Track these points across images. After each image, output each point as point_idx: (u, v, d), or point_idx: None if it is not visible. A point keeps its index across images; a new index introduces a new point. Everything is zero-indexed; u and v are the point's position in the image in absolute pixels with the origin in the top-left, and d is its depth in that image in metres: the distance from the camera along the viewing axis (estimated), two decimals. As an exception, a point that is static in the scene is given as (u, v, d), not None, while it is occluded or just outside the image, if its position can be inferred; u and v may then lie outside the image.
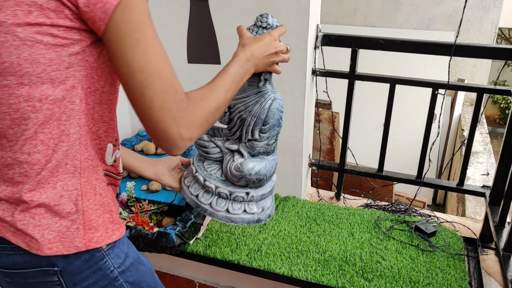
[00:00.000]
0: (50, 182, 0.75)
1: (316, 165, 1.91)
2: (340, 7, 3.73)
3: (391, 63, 2.83)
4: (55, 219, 0.76)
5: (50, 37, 0.67)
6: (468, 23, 3.39)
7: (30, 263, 0.77)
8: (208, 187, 1.21)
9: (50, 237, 0.76)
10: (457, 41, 1.46)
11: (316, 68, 1.72)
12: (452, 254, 1.48)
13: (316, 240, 1.54)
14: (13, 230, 0.76)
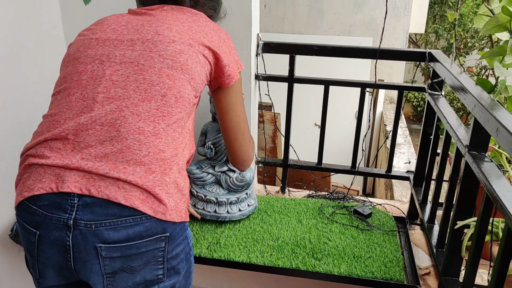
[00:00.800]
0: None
1: (262, 163, 2.07)
2: (269, 15, 3.96)
3: (322, 67, 3.08)
4: (175, 191, 0.93)
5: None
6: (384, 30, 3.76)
7: (149, 231, 0.88)
8: (221, 201, 1.69)
9: (172, 205, 0.91)
10: (379, 46, 1.69)
11: (258, 73, 1.88)
12: (386, 231, 1.70)
13: (269, 229, 1.70)
14: (143, 197, 0.87)
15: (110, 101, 0.92)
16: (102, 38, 1.00)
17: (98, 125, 0.90)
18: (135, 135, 0.90)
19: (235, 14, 1.67)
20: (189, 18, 1.05)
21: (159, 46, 0.97)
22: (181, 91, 0.96)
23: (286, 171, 2.08)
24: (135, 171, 0.88)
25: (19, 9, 1.61)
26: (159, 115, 0.93)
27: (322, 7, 3.82)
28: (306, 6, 3.88)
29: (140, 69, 0.94)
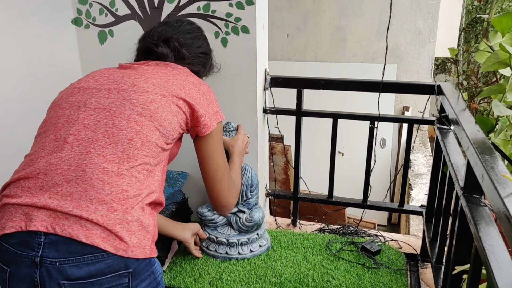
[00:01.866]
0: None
1: (272, 195, 2.07)
2: (291, 44, 4.00)
3: (344, 95, 3.05)
4: (138, 228, 0.96)
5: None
6: (408, 56, 3.71)
7: (111, 268, 0.92)
8: (232, 242, 1.71)
9: (134, 242, 0.95)
10: (382, 80, 1.66)
11: (267, 107, 1.90)
12: (395, 270, 1.64)
13: (273, 265, 1.68)
14: (104, 235, 0.91)
15: (79, 143, 0.98)
16: (84, 87, 1.09)
17: (66, 165, 0.96)
18: (99, 175, 0.95)
19: (240, 52, 1.71)
20: (169, 72, 1.15)
21: (132, 95, 1.04)
22: (148, 136, 1.02)
23: (296, 204, 2.06)
24: (97, 209, 0.92)
25: (38, 49, 1.71)
26: (124, 157, 0.97)
27: (345, 35, 3.82)
28: (328, 35, 3.89)
29: (111, 115, 1.01)
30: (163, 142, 1.06)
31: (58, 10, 1.79)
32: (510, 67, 1.21)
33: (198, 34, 1.36)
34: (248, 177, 1.72)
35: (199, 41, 1.34)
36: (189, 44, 1.30)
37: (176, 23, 1.33)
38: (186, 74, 1.19)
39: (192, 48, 1.30)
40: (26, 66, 1.67)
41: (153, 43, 1.23)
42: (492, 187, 0.82)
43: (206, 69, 1.37)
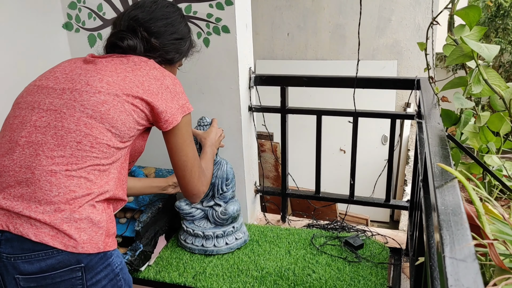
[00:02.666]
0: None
1: (261, 191, 2.10)
2: (292, 43, 4.02)
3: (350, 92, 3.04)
4: (89, 225, 1.01)
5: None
6: (408, 52, 3.69)
7: (62, 263, 0.98)
8: (207, 235, 1.75)
9: (84, 238, 0.99)
10: (356, 76, 1.68)
11: (252, 105, 1.93)
12: (376, 263, 1.66)
13: (256, 259, 1.71)
14: (53, 233, 0.97)
15: (30, 145, 1.02)
16: (42, 85, 1.11)
17: (18, 167, 1.01)
18: (47, 177, 0.99)
19: (222, 51, 1.75)
20: (129, 69, 1.14)
21: (84, 96, 1.06)
22: (98, 138, 1.04)
23: (285, 200, 2.09)
24: (45, 210, 0.98)
25: (31, 54, 1.78)
26: (72, 160, 1.01)
27: (344, 32, 3.82)
28: (328, 33, 3.90)
29: (61, 117, 1.04)
30: (117, 141, 1.08)
31: (49, 15, 1.86)
32: (474, 60, 1.22)
33: (173, 18, 1.29)
34: (223, 171, 1.75)
35: (173, 27, 1.28)
36: (161, 33, 1.25)
37: (150, 7, 1.26)
38: (149, 68, 1.16)
39: (164, 36, 1.26)
40: (18, 71, 1.74)
41: (119, 37, 1.20)
42: (430, 177, 0.84)
43: (182, 54, 1.33)
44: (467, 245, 0.60)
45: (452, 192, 0.77)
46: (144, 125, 1.15)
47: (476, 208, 0.85)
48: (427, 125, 1.14)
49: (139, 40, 1.22)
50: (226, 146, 1.88)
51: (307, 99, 3.30)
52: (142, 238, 1.67)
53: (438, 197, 0.75)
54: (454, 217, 0.69)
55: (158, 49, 1.24)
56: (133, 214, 1.77)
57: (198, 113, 1.86)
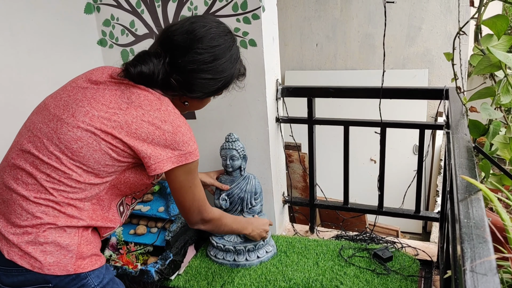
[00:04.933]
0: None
1: (289, 202, 2.11)
2: (321, 53, 4.02)
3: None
4: (56, 249, 1.05)
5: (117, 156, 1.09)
6: (440, 60, 3.62)
7: (31, 281, 1.05)
8: (239, 250, 1.77)
9: (50, 261, 1.04)
10: (382, 86, 1.67)
11: (280, 116, 1.95)
12: (405, 276, 1.64)
13: (283, 270, 1.72)
14: (21, 254, 1.04)
15: (13, 168, 1.09)
16: (46, 105, 1.14)
17: (4, 186, 1.09)
18: (20, 202, 1.06)
19: (249, 64, 1.77)
20: (124, 105, 1.07)
21: (63, 128, 1.06)
22: (68, 174, 1.06)
23: (313, 211, 2.09)
24: (15, 231, 1.05)
25: (68, 70, 1.87)
26: (42, 189, 1.06)
27: (374, 42, 3.80)
28: (357, 42, 3.88)
29: (39, 147, 1.07)
30: (91, 177, 1.07)
31: (85, 32, 1.95)
32: (502, 70, 1.20)
33: (211, 54, 1.12)
34: (252, 185, 1.78)
35: (205, 65, 1.11)
36: (189, 71, 1.11)
37: (195, 30, 1.11)
38: (150, 108, 1.07)
39: (191, 74, 1.12)
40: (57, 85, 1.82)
41: (133, 63, 1.10)
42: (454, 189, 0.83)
43: (210, 93, 1.19)
44: (487, 258, 0.60)
45: (476, 205, 0.76)
46: (129, 162, 1.10)
47: (503, 220, 0.84)
48: (454, 136, 1.13)
49: (159, 68, 1.10)
50: (254, 157, 1.91)
51: (337, 108, 3.29)
52: (172, 248, 1.71)
53: (461, 209, 0.75)
54: (477, 230, 0.69)
55: (176, 88, 1.13)
56: (164, 224, 1.81)
57: (226, 125, 1.90)
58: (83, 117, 1.06)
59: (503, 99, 1.20)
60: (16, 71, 1.65)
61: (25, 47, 1.68)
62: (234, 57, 1.19)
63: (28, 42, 1.69)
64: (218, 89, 1.19)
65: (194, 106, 1.26)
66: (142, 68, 1.08)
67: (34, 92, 1.73)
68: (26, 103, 1.70)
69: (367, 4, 3.78)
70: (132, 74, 1.09)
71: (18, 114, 1.67)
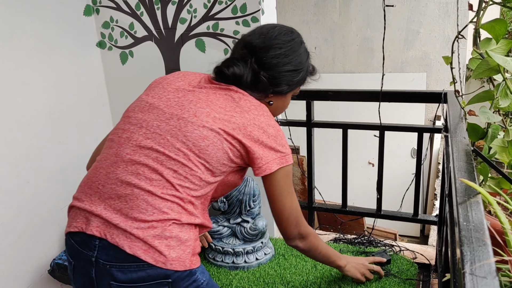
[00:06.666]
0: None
1: (287, 205, 2.11)
2: (320, 57, 4.03)
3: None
4: (177, 244, 1.06)
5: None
6: (438, 64, 3.64)
7: (151, 277, 1.03)
8: (237, 252, 1.77)
9: (173, 256, 1.04)
10: (381, 89, 1.68)
11: (278, 119, 1.95)
12: (403, 279, 1.63)
13: (282, 273, 1.72)
14: (145, 248, 1.03)
15: (132, 163, 1.09)
16: (154, 105, 1.16)
17: (119, 181, 1.08)
18: (144, 197, 1.05)
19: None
20: (238, 109, 1.15)
21: (189, 127, 1.10)
22: (193, 170, 1.09)
23: (312, 214, 2.09)
24: (139, 226, 1.03)
25: (66, 71, 1.87)
26: (168, 185, 1.07)
27: (372, 45, 3.82)
28: (356, 46, 3.90)
29: (164, 143, 1.09)
30: (208, 176, 1.12)
31: (84, 34, 1.96)
32: (501, 74, 1.20)
33: (288, 47, 1.22)
34: (250, 188, 1.78)
35: (286, 58, 1.22)
36: (273, 64, 1.21)
37: (266, 34, 1.23)
38: (257, 113, 1.16)
39: (275, 68, 1.21)
40: (54, 86, 1.83)
41: (226, 64, 1.20)
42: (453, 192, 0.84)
43: (293, 85, 1.28)
44: (487, 261, 0.60)
45: (475, 208, 0.76)
46: (238, 164, 1.17)
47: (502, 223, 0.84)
48: (453, 139, 1.14)
49: (247, 70, 1.20)
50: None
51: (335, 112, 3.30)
52: (170, 250, 1.71)
53: (460, 212, 0.75)
54: (476, 233, 0.69)
55: (265, 83, 1.21)
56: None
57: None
58: (206, 118, 1.11)
59: (502, 102, 1.21)
60: (15, 73, 1.65)
61: (24, 49, 1.68)
62: (306, 51, 1.30)
63: (27, 43, 1.69)
64: (298, 81, 1.29)
65: (277, 107, 1.33)
66: (234, 69, 1.19)
67: (34, 93, 1.73)
68: (26, 104, 1.70)
69: (366, 8, 3.80)
70: (227, 75, 1.19)
71: (18, 115, 1.67)
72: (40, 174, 1.78)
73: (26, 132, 1.71)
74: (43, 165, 1.80)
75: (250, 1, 1.68)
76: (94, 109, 2.04)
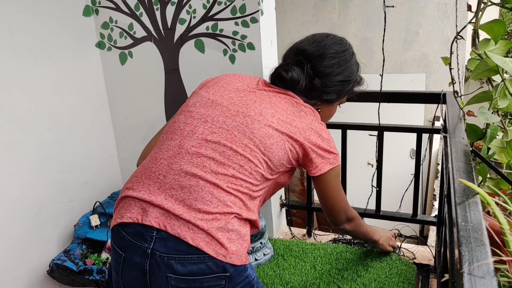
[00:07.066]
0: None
1: (287, 205, 2.11)
2: (319, 57, 4.03)
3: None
4: (237, 237, 1.06)
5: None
6: (437, 65, 3.65)
7: (211, 269, 1.02)
8: None
9: (233, 249, 1.04)
10: (380, 90, 1.68)
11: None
12: (402, 280, 1.64)
13: (281, 273, 1.72)
14: (208, 240, 1.02)
15: (198, 156, 1.09)
16: (217, 101, 1.18)
17: (183, 172, 1.07)
18: (210, 189, 1.06)
19: (248, 67, 1.79)
20: (297, 113, 1.20)
21: (256, 125, 1.13)
22: (257, 167, 1.11)
23: (311, 214, 2.09)
24: (203, 217, 1.03)
25: (66, 71, 1.87)
26: (232, 180, 1.08)
27: (371, 46, 3.82)
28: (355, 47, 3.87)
29: (231, 138, 1.11)
30: (268, 173, 1.15)
31: (83, 35, 1.96)
32: (499, 74, 1.21)
33: (342, 58, 1.28)
34: None
35: (339, 68, 1.27)
36: (326, 73, 1.26)
37: (320, 42, 1.27)
38: (313, 119, 1.22)
39: (328, 77, 1.26)
40: (55, 87, 1.83)
41: (285, 68, 1.25)
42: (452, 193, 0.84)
43: (342, 95, 1.33)
44: (485, 261, 0.60)
45: (474, 208, 0.76)
46: (293, 165, 1.21)
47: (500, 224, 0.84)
48: (451, 140, 1.14)
49: (303, 76, 1.25)
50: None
51: (334, 113, 3.30)
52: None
53: (458, 213, 0.75)
54: (474, 233, 0.69)
55: (319, 90, 1.26)
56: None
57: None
58: (271, 118, 1.15)
59: (501, 103, 1.21)
60: (15, 73, 1.65)
61: (24, 49, 1.68)
62: (357, 62, 1.35)
63: (27, 44, 1.69)
64: (347, 91, 1.34)
65: (324, 115, 1.37)
66: (292, 74, 1.24)
67: (33, 93, 1.73)
68: (25, 104, 1.70)
69: (365, 9, 3.80)
70: (286, 79, 1.24)
71: (17, 115, 1.67)
72: (39, 174, 1.78)
73: (26, 133, 1.72)
74: (43, 166, 1.80)
75: (249, 1, 1.69)
76: (93, 109, 2.04)
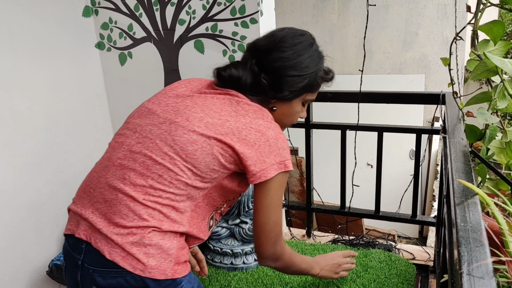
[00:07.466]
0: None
1: (286, 206, 2.11)
2: (318, 58, 4.04)
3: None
4: (157, 252, 1.03)
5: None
6: (436, 66, 3.65)
7: (129, 284, 1.01)
8: (236, 253, 1.77)
9: (152, 264, 1.02)
10: (360, 89, 1.69)
11: (277, 120, 1.95)
12: (402, 280, 1.64)
13: (280, 274, 1.72)
14: (123, 255, 1.01)
15: (121, 168, 1.08)
16: (152, 110, 1.15)
17: (107, 185, 1.07)
18: (127, 202, 1.04)
19: (247, 67, 1.79)
20: (233, 113, 1.10)
21: (179, 131, 1.07)
22: (179, 175, 1.06)
23: (310, 215, 2.09)
24: (119, 232, 1.02)
25: (66, 72, 1.87)
26: (151, 191, 1.05)
27: (371, 47, 3.82)
28: (354, 47, 3.90)
29: (152, 147, 1.07)
30: (196, 181, 1.08)
31: (83, 35, 1.96)
32: (499, 75, 1.21)
33: (294, 51, 1.15)
34: (249, 188, 1.77)
35: (290, 62, 1.14)
36: (275, 68, 1.14)
37: (272, 36, 1.18)
38: (255, 116, 1.11)
39: (278, 73, 1.14)
40: (54, 87, 1.83)
41: (224, 67, 1.17)
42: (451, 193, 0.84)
43: (298, 91, 1.18)
44: (484, 262, 0.60)
45: (473, 209, 0.76)
46: (232, 169, 1.11)
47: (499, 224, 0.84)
48: (451, 140, 1.14)
49: (246, 72, 1.15)
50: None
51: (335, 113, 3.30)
52: (168, 251, 1.71)
53: (458, 213, 0.75)
54: (473, 234, 0.69)
55: (265, 86, 1.15)
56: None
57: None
58: (198, 123, 1.08)
59: (500, 104, 1.21)
60: (14, 74, 1.65)
61: (23, 50, 1.68)
62: (317, 54, 1.20)
63: (26, 44, 1.69)
64: (304, 88, 1.18)
65: (283, 114, 1.23)
66: (231, 71, 1.15)
67: (33, 94, 1.73)
68: (25, 105, 1.70)
69: (364, 9, 3.80)
70: (224, 77, 1.16)
71: (16, 115, 1.67)
72: (38, 175, 1.78)
73: (25, 133, 1.72)
74: (42, 166, 1.80)
75: (249, 2, 1.69)
76: (92, 110, 2.04)
